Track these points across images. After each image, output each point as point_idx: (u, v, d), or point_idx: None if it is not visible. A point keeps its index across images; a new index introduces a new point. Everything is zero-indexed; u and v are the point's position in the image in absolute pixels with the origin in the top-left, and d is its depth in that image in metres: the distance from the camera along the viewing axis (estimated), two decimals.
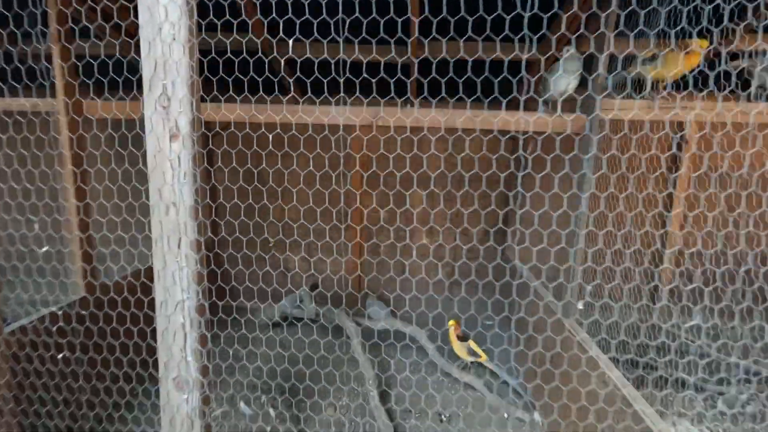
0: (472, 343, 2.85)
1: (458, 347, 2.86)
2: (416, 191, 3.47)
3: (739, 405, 2.38)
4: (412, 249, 3.56)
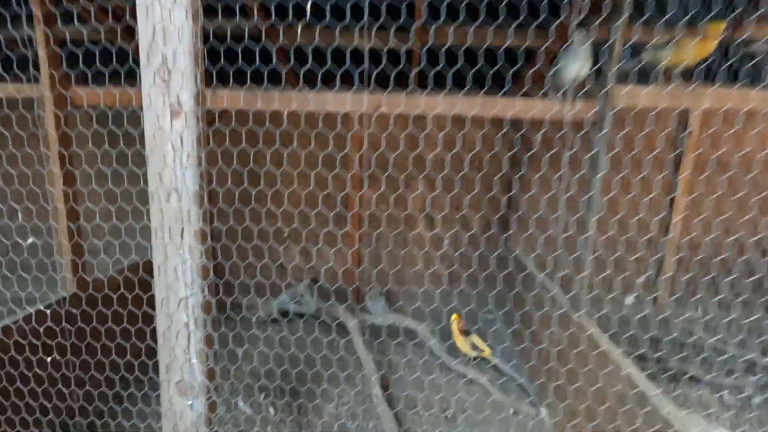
0: (475, 338, 2.78)
1: (461, 342, 2.79)
2: (418, 180, 3.38)
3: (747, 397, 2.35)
4: (413, 240, 3.47)
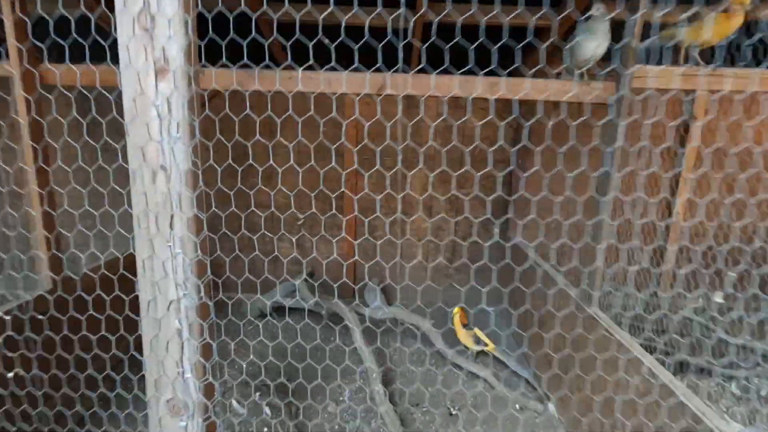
0: (478, 331, 2.66)
1: (463, 335, 2.67)
2: (415, 168, 3.23)
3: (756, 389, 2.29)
4: (411, 230, 3.33)
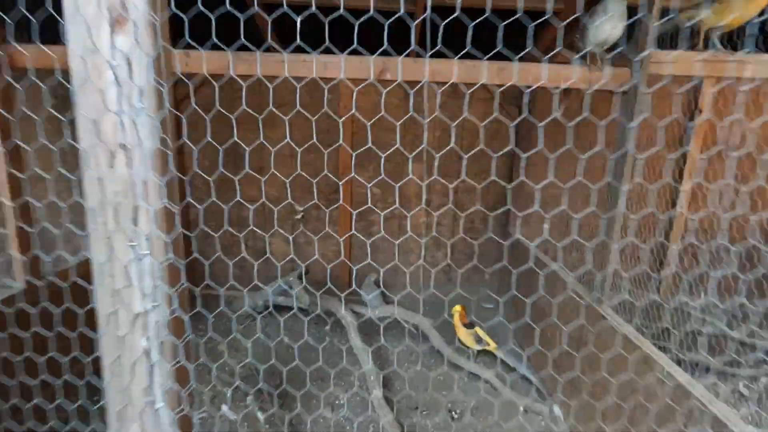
0: (480, 331, 2.55)
1: (464, 335, 2.55)
2: (413, 160, 3.08)
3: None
4: (409, 226, 3.20)
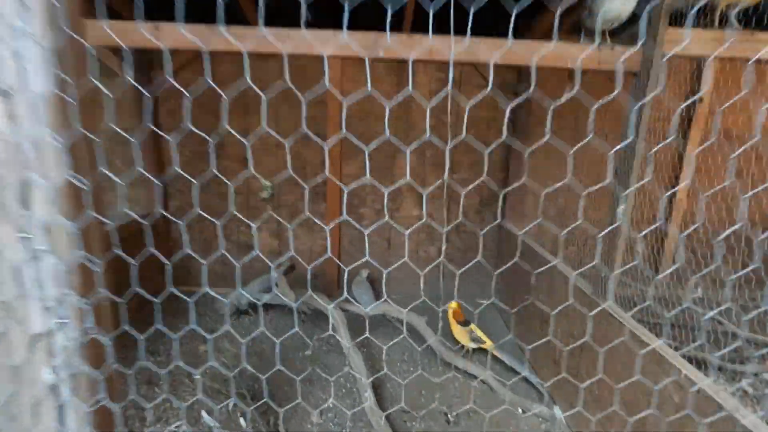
0: (475, 328, 2.42)
1: (459, 332, 2.43)
2: (405, 151, 2.93)
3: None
4: (399, 220, 3.05)
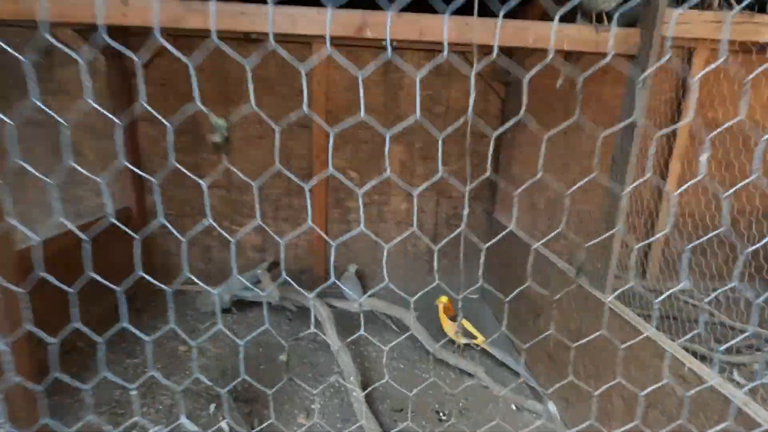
0: (466, 323, 2.36)
1: (449, 328, 2.36)
2: (394, 142, 2.85)
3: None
4: (387, 213, 2.96)
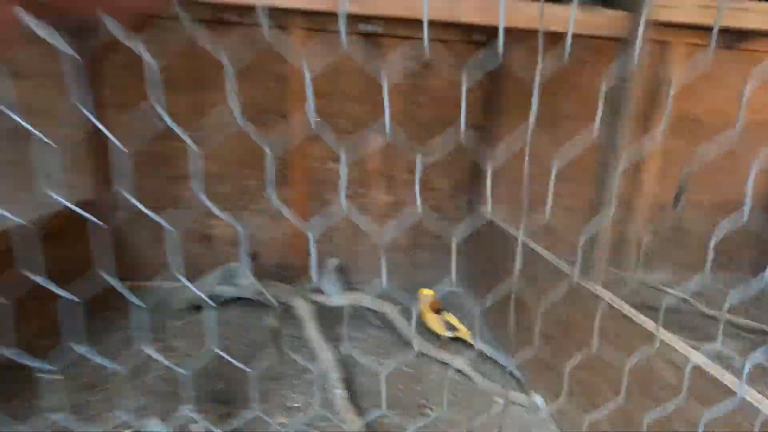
0: (450, 316, 2.30)
1: (433, 321, 2.29)
2: (375, 131, 2.76)
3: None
4: (367, 206, 2.88)
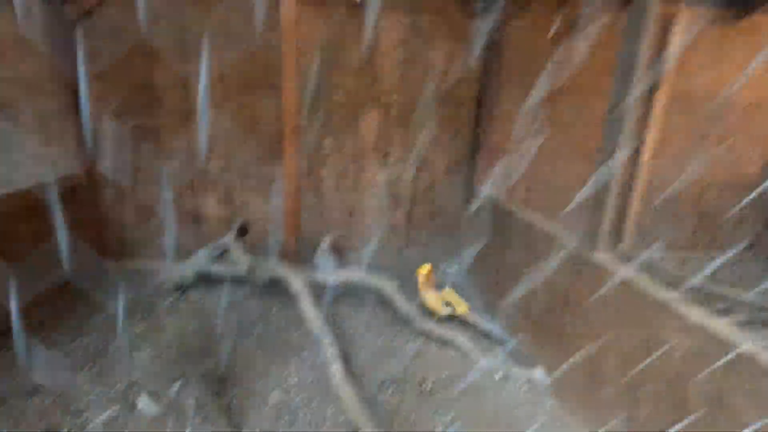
0: (448, 293, 2.26)
1: (431, 298, 2.24)
2: (370, 107, 2.67)
3: None
4: (362, 183, 2.79)
